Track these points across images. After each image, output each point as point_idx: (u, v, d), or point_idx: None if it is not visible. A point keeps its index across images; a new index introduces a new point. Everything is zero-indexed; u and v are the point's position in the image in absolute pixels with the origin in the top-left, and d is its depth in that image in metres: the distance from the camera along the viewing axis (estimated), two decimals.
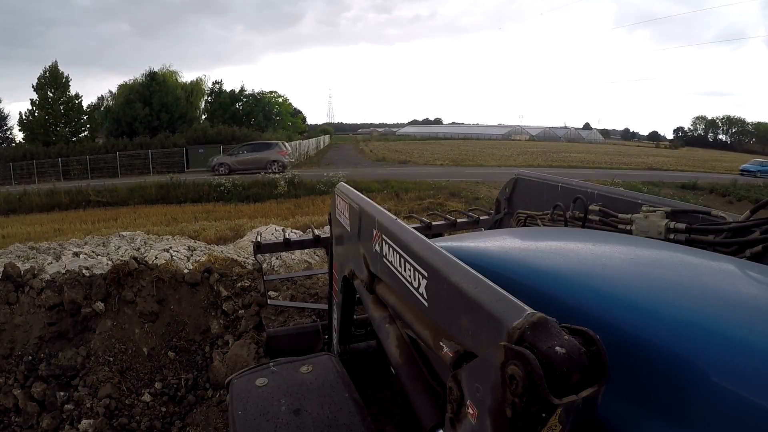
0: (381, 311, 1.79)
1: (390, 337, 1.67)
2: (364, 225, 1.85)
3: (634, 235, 2.31)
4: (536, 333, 0.77)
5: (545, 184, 3.15)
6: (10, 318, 4.93)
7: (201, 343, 4.72)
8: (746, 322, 1.06)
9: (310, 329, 4.06)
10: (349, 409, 1.98)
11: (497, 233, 2.47)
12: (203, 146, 35.88)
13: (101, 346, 4.66)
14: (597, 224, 2.61)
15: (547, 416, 0.72)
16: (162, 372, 4.54)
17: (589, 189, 2.80)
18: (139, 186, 24.21)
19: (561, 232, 2.31)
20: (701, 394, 0.92)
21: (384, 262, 1.58)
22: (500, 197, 3.65)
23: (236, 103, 48.30)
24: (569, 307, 1.26)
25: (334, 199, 2.40)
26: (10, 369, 4.69)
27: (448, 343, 1.23)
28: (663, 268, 1.52)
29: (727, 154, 64.62)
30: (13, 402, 4.48)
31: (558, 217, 2.85)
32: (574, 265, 1.57)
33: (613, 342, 1.02)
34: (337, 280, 2.55)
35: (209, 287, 5.03)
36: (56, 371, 4.58)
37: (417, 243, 1.35)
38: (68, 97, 42.09)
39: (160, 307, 4.84)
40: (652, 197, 2.46)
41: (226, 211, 18.47)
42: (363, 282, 1.90)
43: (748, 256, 1.90)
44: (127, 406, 4.33)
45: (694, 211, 2.23)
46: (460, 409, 0.91)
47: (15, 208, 22.43)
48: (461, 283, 1.03)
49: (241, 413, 2.00)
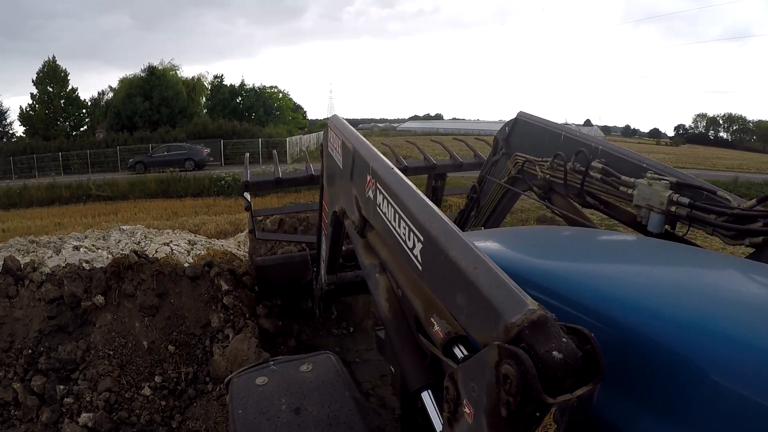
0: (371, 258, 1.74)
1: (380, 288, 1.63)
2: (358, 167, 1.75)
3: (634, 203, 2.27)
4: (535, 333, 0.76)
5: (548, 131, 3.00)
6: (9, 311, 4.91)
7: (201, 337, 4.70)
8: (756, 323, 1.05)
9: (299, 258, 4.00)
10: (349, 407, 1.97)
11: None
12: (204, 141, 35.85)
13: (101, 339, 4.65)
14: (597, 182, 2.51)
15: (541, 415, 0.72)
16: (162, 366, 4.52)
17: (594, 143, 2.66)
18: (139, 180, 24.33)
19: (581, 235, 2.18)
20: (717, 396, 0.91)
21: (377, 211, 1.50)
22: (498, 137, 3.49)
23: (237, 98, 48.25)
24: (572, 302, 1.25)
25: (326, 132, 2.29)
26: (9, 362, 4.67)
27: (440, 322, 1.22)
28: (676, 271, 1.49)
29: (728, 152, 64.52)
30: (12, 395, 4.47)
31: (558, 167, 2.76)
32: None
33: (626, 343, 1.06)
34: (327, 213, 2.48)
35: (210, 281, 5.00)
36: (56, 365, 4.56)
37: (414, 203, 1.26)
38: (67, 91, 42.15)
39: (160, 300, 4.82)
40: (659, 164, 2.37)
41: (227, 205, 18.53)
42: (354, 224, 1.85)
43: (747, 244, 1.88)
44: (126, 399, 4.32)
45: (700, 187, 2.14)
46: (457, 408, 0.90)
47: (15, 202, 22.49)
48: (460, 260, 0.99)
49: (241, 412, 1.99)
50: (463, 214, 3.95)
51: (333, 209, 2.24)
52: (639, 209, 2.26)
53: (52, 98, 41.12)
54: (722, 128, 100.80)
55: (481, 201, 3.71)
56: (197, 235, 9.00)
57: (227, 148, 35.26)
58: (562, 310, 1.19)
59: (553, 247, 1.92)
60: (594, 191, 2.57)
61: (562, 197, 2.82)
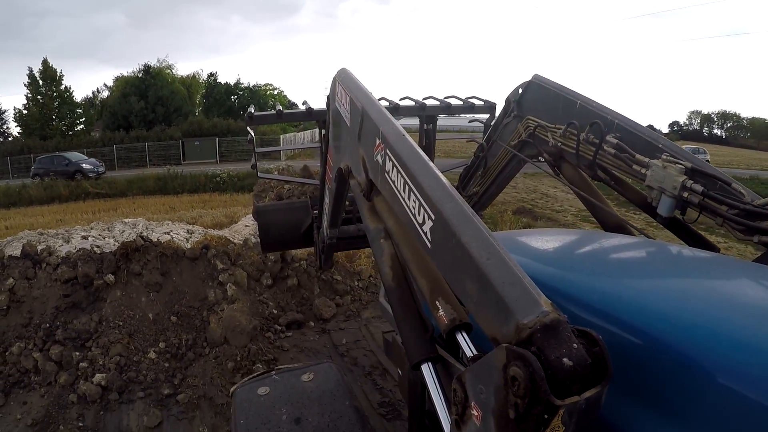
0: (376, 223, 1.68)
1: (384, 255, 1.60)
2: (366, 129, 1.66)
3: (646, 183, 2.21)
4: (547, 337, 0.75)
5: (562, 97, 2.84)
6: (28, 291, 5.56)
7: (199, 309, 5.37)
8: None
9: (299, 205, 4.04)
10: (349, 417, 1.99)
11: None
12: (199, 139, 36.35)
13: (112, 312, 5.30)
14: (610, 157, 2.41)
15: (549, 417, 0.72)
16: (165, 334, 5.19)
17: (610, 116, 2.51)
18: (137, 178, 24.82)
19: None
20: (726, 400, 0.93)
21: (386, 178, 1.45)
22: (511, 98, 3.33)
23: (232, 97, 48.76)
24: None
25: (334, 85, 2.16)
26: (29, 336, 5.30)
27: (446, 307, 1.21)
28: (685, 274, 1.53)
29: (722, 148, 64.83)
30: (32, 364, 5.08)
31: (570, 136, 2.66)
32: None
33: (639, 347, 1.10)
34: (332, 168, 2.39)
35: (207, 261, 5.68)
36: (72, 335, 5.20)
37: (427, 177, 1.21)
38: (61, 91, 42.41)
39: (163, 278, 5.49)
40: (675, 146, 2.27)
41: (222, 200, 19.18)
42: (360, 186, 1.78)
43: (756, 242, 1.84)
44: (135, 362, 4.97)
45: (715, 176, 2.06)
46: (465, 410, 0.89)
47: (15, 201, 22.97)
48: (472, 247, 0.96)
49: (243, 422, 2.03)
50: (468, 171, 3.90)
51: (338, 165, 2.16)
52: (651, 190, 2.20)
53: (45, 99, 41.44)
54: (716, 125, 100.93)
55: (488, 161, 3.62)
56: (195, 226, 9.63)
57: (222, 145, 35.75)
58: (570, 312, 1.17)
59: (560, 250, 1.92)
60: (606, 165, 2.48)
61: (572, 167, 2.74)
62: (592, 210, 2.65)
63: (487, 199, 3.72)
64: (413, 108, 3.76)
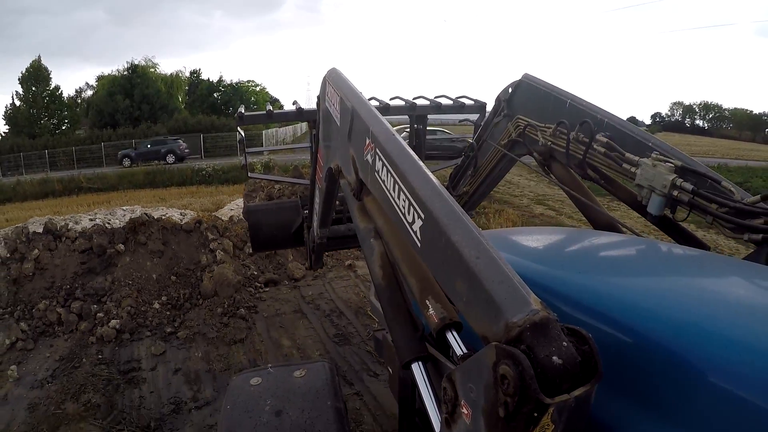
0: (366, 223, 1.69)
1: (374, 255, 1.60)
2: (356, 128, 1.67)
3: (636, 181, 2.20)
4: (536, 335, 0.76)
5: (552, 96, 2.84)
6: (50, 260, 6.80)
7: (194, 270, 6.68)
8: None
9: (289, 205, 4.02)
10: (328, 416, 2.01)
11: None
12: (184, 135, 37.14)
13: (122, 274, 6.58)
14: (600, 156, 2.40)
15: (539, 416, 0.72)
16: (166, 290, 6.48)
17: (600, 115, 2.52)
18: (127, 173, 25.90)
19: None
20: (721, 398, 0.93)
21: (375, 177, 1.45)
22: (501, 97, 3.31)
23: (214, 94, 49.54)
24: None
25: (324, 85, 2.16)
26: (52, 296, 6.51)
27: (435, 306, 1.23)
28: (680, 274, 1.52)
29: (703, 139, 65.45)
30: (56, 317, 6.26)
31: (560, 135, 2.66)
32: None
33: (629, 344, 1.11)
34: (322, 168, 2.41)
35: (200, 233, 6.98)
36: (90, 292, 6.46)
37: (416, 176, 1.22)
38: (50, 90, 42.96)
39: (164, 247, 6.79)
40: (665, 145, 2.29)
41: (209, 192, 20.39)
42: (350, 185, 1.79)
43: (746, 240, 1.84)
44: (142, 311, 6.24)
45: (705, 175, 2.06)
46: (455, 409, 0.90)
47: (10, 197, 23.76)
48: (462, 246, 0.96)
49: (229, 407, 2.09)
50: (458, 170, 3.89)
51: (328, 165, 2.16)
52: (640, 189, 2.21)
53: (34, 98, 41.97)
54: (699, 116, 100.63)
55: (478, 160, 3.62)
56: (186, 210, 10.93)
57: (207, 141, 36.47)
58: (560, 310, 1.16)
59: (551, 248, 1.93)
60: (596, 164, 2.48)
61: (562, 166, 2.75)
62: (583, 209, 2.67)
63: (478, 199, 3.77)
64: (403, 107, 3.79)
